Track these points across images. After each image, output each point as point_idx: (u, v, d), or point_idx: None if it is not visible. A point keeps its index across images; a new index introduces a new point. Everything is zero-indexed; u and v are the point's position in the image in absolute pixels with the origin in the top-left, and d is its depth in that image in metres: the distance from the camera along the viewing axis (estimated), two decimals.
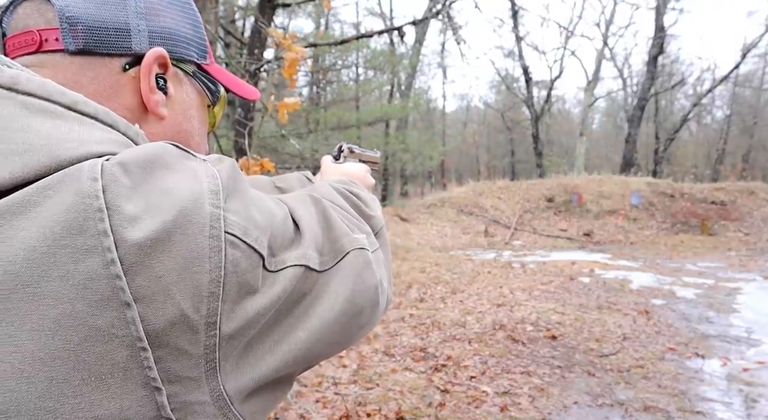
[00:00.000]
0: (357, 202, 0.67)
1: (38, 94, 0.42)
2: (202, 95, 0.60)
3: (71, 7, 0.47)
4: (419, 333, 4.90)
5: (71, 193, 0.37)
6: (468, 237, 13.17)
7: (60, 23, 0.47)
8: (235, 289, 0.41)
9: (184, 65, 0.56)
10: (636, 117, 20.36)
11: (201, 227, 0.40)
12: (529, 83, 23.10)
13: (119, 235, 0.37)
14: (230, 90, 0.63)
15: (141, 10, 0.51)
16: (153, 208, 0.38)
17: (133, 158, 0.40)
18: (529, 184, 16.82)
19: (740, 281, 7.50)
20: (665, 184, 15.55)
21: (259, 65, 4.55)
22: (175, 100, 0.55)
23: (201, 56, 0.58)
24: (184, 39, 0.55)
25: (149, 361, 0.37)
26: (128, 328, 0.37)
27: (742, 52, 22.25)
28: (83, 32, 0.48)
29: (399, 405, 3.30)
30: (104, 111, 0.45)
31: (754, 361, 4.15)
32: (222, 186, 0.43)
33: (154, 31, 0.52)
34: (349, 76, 17.83)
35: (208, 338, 0.40)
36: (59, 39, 0.47)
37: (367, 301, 0.55)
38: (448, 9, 7.90)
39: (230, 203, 0.43)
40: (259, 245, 0.44)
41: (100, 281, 0.36)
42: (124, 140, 0.45)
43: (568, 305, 5.96)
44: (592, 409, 3.33)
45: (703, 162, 27.58)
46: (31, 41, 0.48)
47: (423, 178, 28.45)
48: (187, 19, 0.56)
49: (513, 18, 22.34)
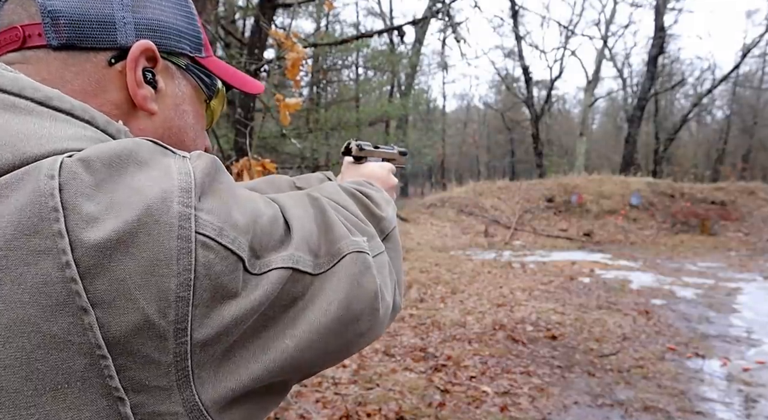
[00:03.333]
0: (366, 202, 0.64)
1: (9, 89, 0.41)
2: (198, 90, 0.57)
3: (53, 1, 0.46)
4: (419, 333, 4.90)
5: (27, 191, 0.35)
6: (468, 237, 13.17)
7: (42, 18, 0.46)
8: (209, 293, 0.39)
9: (175, 58, 0.53)
10: (636, 117, 20.36)
11: (168, 227, 0.37)
12: (529, 83, 23.10)
13: (76, 235, 0.35)
14: (230, 84, 0.60)
15: (126, 1, 0.49)
16: (116, 207, 0.36)
17: (98, 154, 0.38)
18: (529, 184, 16.82)
19: (740, 281, 7.50)
20: (665, 184, 15.55)
21: (259, 65, 4.55)
22: (166, 95, 0.53)
23: (195, 49, 0.55)
24: (176, 31, 0.52)
25: (110, 369, 0.35)
26: (86, 334, 0.35)
27: (742, 52, 22.26)
28: (66, 26, 0.46)
29: (399, 405, 3.30)
30: (81, 107, 0.44)
31: (754, 361, 4.15)
32: (196, 183, 0.40)
33: (141, 23, 0.49)
34: (349, 76, 17.85)
35: (179, 345, 0.37)
36: (42, 34, 0.46)
37: (365, 307, 0.51)
38: (448, 8, 7.91)
39: (205, 202, 0.40)
40: (237, 247, 0.41)
41: (54, 285, 0.34)
42: (102, 137, 0.43)
43: (568, 305, 5.97)
44: (592, 409, 3.33)
45: (703, 162, 27.57)
46: (15, 38, 0.46)
47: (423, 178, 28.45)
48: (179, 11, 0.53)
49: (513, 17, 22.35)
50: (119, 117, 0.50)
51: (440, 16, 8.61)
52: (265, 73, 5.39)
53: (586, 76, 24.76)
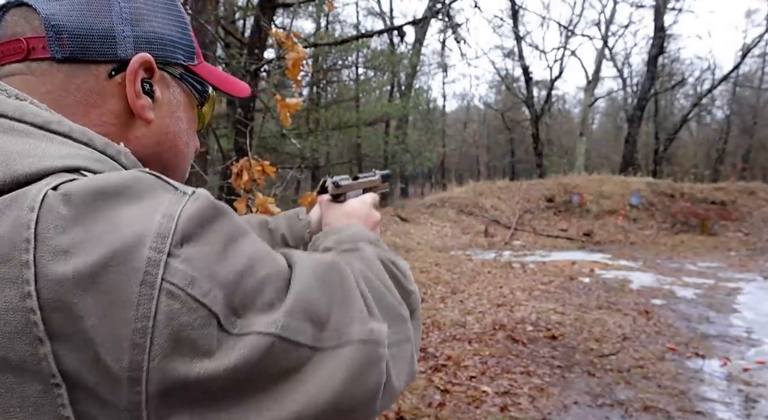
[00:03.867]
0: (397, 274, 0.61)
1: (10, 115, 0.43)
2: (190, 96, 0.59)
3: (57, 16, 0.48)
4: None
5: (10, 220, 0.37)
6: (468, 237, 13.17)
7: (46, 32, 0.48)
8: (170, 345, 0.37)
9: (170, 68, 0.56)
10: (636, 117, 20.35)
11: (134, 271, 0.36)
12: (529, 83, 23.09)
13: (41, 268, 0.35)
14: (219, 89, 0.62)
15: (126, 15, 0.51)
16: (89, 242, 0.36)
17: (84, 187, 0.38)
18: (529, 184, 16.81)
19: (740, 281, 7.50)
20: (665, 184, 15.54)
21: (259, 65, 4.56)
22: (162, 103, 0.55)
23: (188, 58, 0.57)
24: (171, 42, 0.55)
25: (63, 398, 0.36)
26: (41, 364, 0.35)
27: (742, 52, 22.27)
28: (69, 40, 0.48)
29: (399, 405, 3.30)
30: (80, 130, 0.45)
31: (754, 361, 4.15)
32: (176, 229, 0.38)
33: (139, 36, 0.52)
34: (349, 76, 17.85)
35: (132, 394, 0.36)
36: (46, 47, 0.48)
37: (362, 401, 0.47)
38: (448, 8, 7.91)
39: (186, 249, 0.39)
40: (210, 300, 0.38)
41: (15, 313, 0.35)
42: (99, 157, 0.45)
43: (568, 305, 5.97)
44: (592, 409, 3.33)
45: (703, 162, 27.56)
46: (19, 49, 0.49)
47: (423, 178, 28.45)
48: (173, 23, 0.56)
49: (513, 17, 22.35)
50: (118, 126, 0.52)
51: (440, 17, 8.61)
52: (265, 73, 5.39)
53: (586, 76, 24.77)
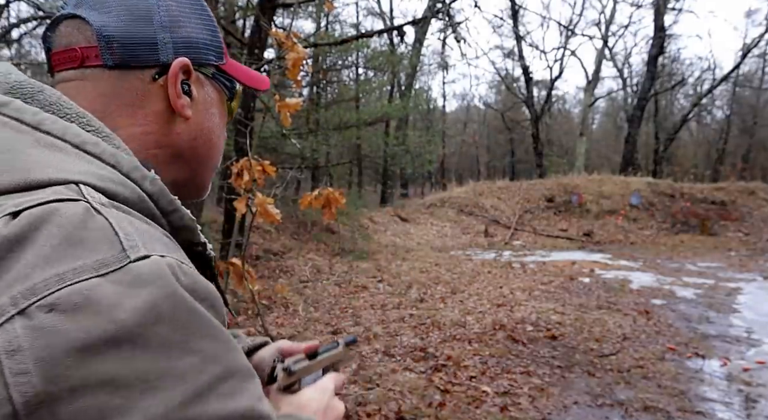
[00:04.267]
0: None
1: (54, 133, 0.46)
2: (221, 92, 0.65)
3: (107, 27, 0.54)
4: (419, 333, 4.90)
5: None
6: (468, 237, 13.17)
7: (98, 42, 0.54)
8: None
9: (204, 69, 0.61)
10: (636, 117, 20.36)
11: None
12: (529, 83, 23.10)
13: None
14: (245, 84, 0.67)
15: (165, 23, 0.56)
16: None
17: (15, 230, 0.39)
18: (529, 184, 16.82)
19: (740, 281, 7.50)
20: (665, 184, 15.55)
21: (259, 65, 4.56)
22: (198, 101, 0.60)
23: (218, 58, 0.63)
24: (204, 45, 0.60)
25: None
26: None
27: (742, 52, 22.27)
28: (118, 49, 0.54)
29: (399, 405, 3.30)
30: (111, 153, 0.48)
31: (754, 361, 4.15)
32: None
33: (177, 41, 0.57)
34: (349, 76, 17.82)
35: None
36: (98, 56, 0.54)
37: None
38: (448, 8, 7.92)
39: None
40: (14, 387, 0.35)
41: None
42: (121, 180, 0.47)
43: (568, 305, 5.97)
44: (592, 409, 3.33)
45: (703, 162, 27.56)
46: (74, 58, 0.54)
47: (423, 178, 28.45)
48: (205, 26, 0.61)
49: (513, 17, 22.35)
50: (160, 125, 0.57)
51: (440, 16, 8.61)
52: (266, 73, 5.39)
53: (586, 76, 24.77)
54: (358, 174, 19.91)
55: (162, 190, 0.50)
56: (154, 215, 0.49)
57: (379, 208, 15.83)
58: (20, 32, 9.18)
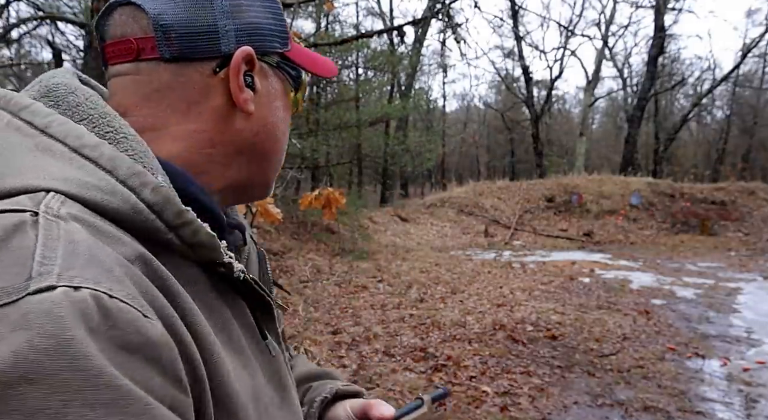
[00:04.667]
0: None
1: (56, 136, 0.43)
2: (286, 83, 0.59)
3: (164, 15, 0.48)
4: (419, 333, 4.90)
5: None
6: (468, 237, 13.17)
7: (155, 32, 0.48)
8: None
9: (269, 58, 0.55)
10: (636, 117, 20.36)
11: None
12: (529, 83, 23.10)
13: None
14: (312, 71, 0.61)
15: (227, 8, 0.51)
16: None
17: None
18: (529, 184, 16.82)
19: (740, 281, 7.50)
20: (665, 184, 15.55)
21: None
22: (262, 94, 0.54)
23: (283, 44, 0.56)
24: (269, 31, 0.54)
25: None
26: None
27: (742, 52, 22.27)
28: (177, 40, 0.49)
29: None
30: (110, 157, 0.42)
31: (754, 361, 4.15)
32: None
33: (240, 28, 0.51)
34: (349, 76, 17.82)
35: None
36: (155, 48, 0.49)
37: None
38: (448, 8, 7.91)
39: None
40: None
41: None
42: (111, 188, 0.41)
43: (568, 305, 5.97)
44: (592, 409, 3.33)
45: (703, 162, 27.57)
46: (129, 50, 0.49)
47: (423, 178, 28.45)
48: (269, 9, 0.55)
49: (513, 18, 22.35)
50: (217, 121, 0.51)
51: (440, 17, 8.61)
52: None
53: (586, 76, 24.77)
54: (358, 174, 19.91)
55: (167, 200, 0.42)
56: (154, 229, 0.42)
57: (379, 208, 15.82)
58: (20, 32, 9.20)
